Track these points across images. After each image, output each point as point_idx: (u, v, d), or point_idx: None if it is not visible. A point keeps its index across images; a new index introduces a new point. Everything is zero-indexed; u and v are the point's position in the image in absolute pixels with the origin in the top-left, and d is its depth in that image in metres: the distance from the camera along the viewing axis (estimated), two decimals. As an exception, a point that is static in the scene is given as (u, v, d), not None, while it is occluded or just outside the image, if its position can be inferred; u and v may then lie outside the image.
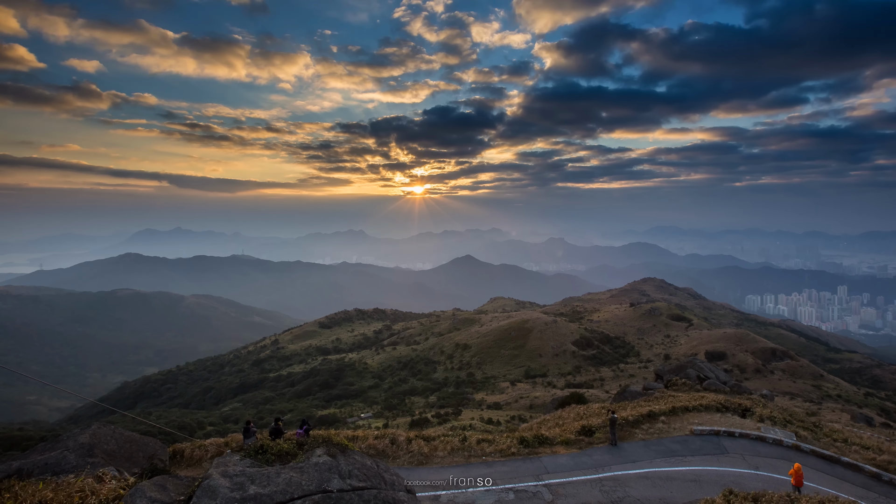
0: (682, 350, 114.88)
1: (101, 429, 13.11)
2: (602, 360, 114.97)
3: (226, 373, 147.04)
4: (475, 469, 22.31)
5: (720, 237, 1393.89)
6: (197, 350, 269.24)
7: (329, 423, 62.55)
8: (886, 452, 29.11)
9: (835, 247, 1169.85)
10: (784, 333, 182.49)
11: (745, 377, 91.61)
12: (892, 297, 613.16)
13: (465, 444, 24.61)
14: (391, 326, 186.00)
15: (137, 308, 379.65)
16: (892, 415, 74.47)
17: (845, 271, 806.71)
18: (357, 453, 11.56)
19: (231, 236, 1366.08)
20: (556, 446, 25.54)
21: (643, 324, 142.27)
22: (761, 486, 20.84)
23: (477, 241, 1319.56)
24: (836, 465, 25.76)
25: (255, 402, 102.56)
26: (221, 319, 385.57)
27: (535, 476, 21.78)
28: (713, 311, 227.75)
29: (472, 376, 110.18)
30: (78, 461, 10.97)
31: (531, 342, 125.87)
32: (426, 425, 47.23)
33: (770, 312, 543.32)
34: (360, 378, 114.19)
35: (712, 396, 34.06)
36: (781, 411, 35.89)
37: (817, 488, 21.81)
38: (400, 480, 11.47)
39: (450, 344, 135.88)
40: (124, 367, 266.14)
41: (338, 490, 9.30)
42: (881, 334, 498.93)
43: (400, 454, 23.21)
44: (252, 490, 8.43)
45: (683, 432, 27.68)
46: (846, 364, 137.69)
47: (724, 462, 24.16)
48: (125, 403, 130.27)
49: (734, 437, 27.38)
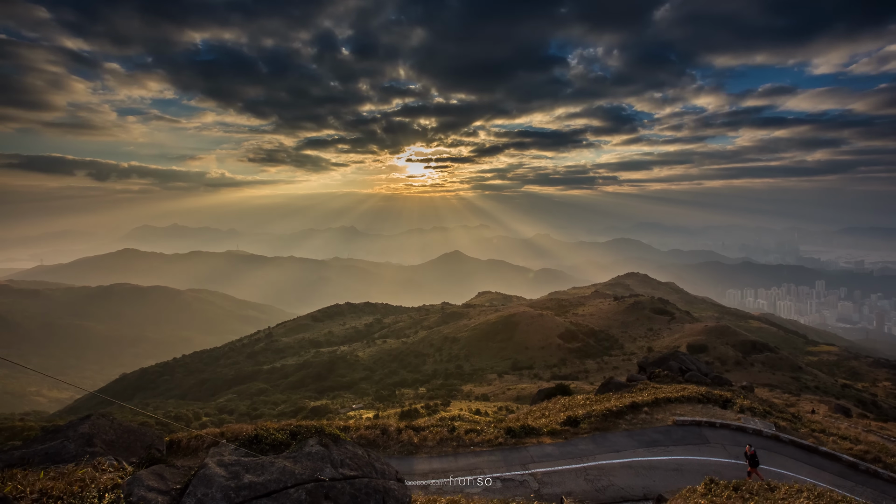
0: (664, 343, 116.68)
1: (100, 419, 13.13)
2: (587, 352, 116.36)
3: (221, 365, 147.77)
4: (464, 458, 22.61)
5: (702, 233, 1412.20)
6: (193, 343, 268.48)
7: (321, 413, 62.87)
8: (863, 442, 29.91)
9: (813, 242, 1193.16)
10: (764, 327, 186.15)
11: (725, 369, 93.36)
12: (868, 291, 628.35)
13: (453, 434, 24.90)
14: (382, 320, 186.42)
15: (135, 302, 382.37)
16: (869, 406, 76.46)
17: (823, 266, 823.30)
18: (349, 443, 11.69)
19: (226, 232, 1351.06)
20: (542, 436, 25.93)
21: (627, 317, 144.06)
22: (742, 475, 21.40)
23: (465, 236, 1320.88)
24: (814, 455, 26.32)
25: (250, 393, 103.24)
26: (217, 313, 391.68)
27: (522, 465, 22.13)
28: (695, 305, 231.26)
29: (461, 368, 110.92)
30: (78, 451, 11.03)
31: (518, 335, 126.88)
32: (416, 416, 47.51)
33: (750, 306, 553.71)
34: (352, 370, 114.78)
35: (694, 388, 34.72)
36: (761, 402, 36.76)
37: (796, 477, 22.36)
38: (391, 469, 11.63)
39: (439, 337, 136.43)
40: (122, 360, 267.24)
41: (330, 479, 9.43)
42: (858, 327, 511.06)
43: (390, 444, 23.44)
44: (247, 479, 8.52)
45: (666, 423, 28.20)
46: (824, 356, 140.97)
47: (706, 452, 24.65)
48: (123, 395, 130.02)
49: (715, 427, 27.94)
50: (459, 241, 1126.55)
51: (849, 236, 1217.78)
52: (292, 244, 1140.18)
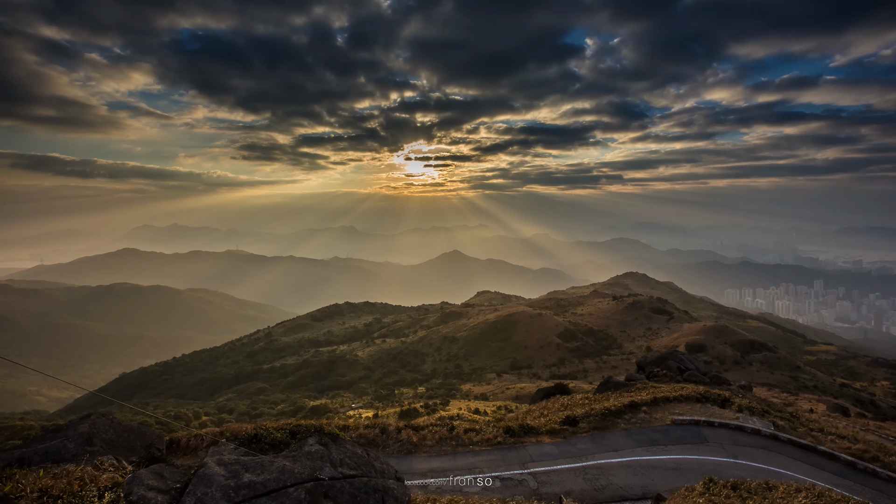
0: (663, 342, 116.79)
1: (99, 419, 13.13)
2: (585, 352, 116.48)
3: (221, 364, 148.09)
4: (463, 458, 22.62)
5: (700, 233, 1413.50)
6: (192, 342, 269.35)
7: (321, 413, 63.02)
8: (861, 442, 29.91)
9: (811, 242, 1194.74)
10: (762, 326, 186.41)
11: (724, 368, 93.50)
12: (867, 290, 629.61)
13: (452, 433, 24.92)
14: (381, 319, 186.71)
15: (135, 301, 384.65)
16: (867, 405, 76.53)
17: (821, 266, 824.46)
18: (348, 442, 11.67)
19: (226, 232, 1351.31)
20: (541, 436, 25.95)
21: (625, 317, 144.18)
22: (740, 474, 21.42)
23: (464, 236, 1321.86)
24: (812, 454, 26.32)
25: (250, 392, 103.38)
26: (216, 312, 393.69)
27: (521, 464, 22.15)
28: (693, 305, 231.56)
29: (460, 368, 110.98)
30: (77, 450, 11.03)
31: (517, 335, 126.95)
32: (415, 415, 47.58)
33: (748, 306, 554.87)
34: (351, 369, 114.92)
35: (692, 387, 34.78)
36: (759, 401, 36.82)
37: (795, 476, 22.40)
38: (390, 469, 11.60)
39: (438, 336, 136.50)
40: (122, 359, 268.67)
41: (329, 478, 9.42)
42: (856, 327, 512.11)
43: (390, 443, 23.45)
44: (246, 478, 8.51)
45: (664, 422, 28.22)
46: (822, 356, 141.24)
47: (704, 451, 24.66)
48: (123, 394, 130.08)
49: (714, 426, 27.97)
50: (459, 241, 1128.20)
51: (847, 236, 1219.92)
52: (292, 244, 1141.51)
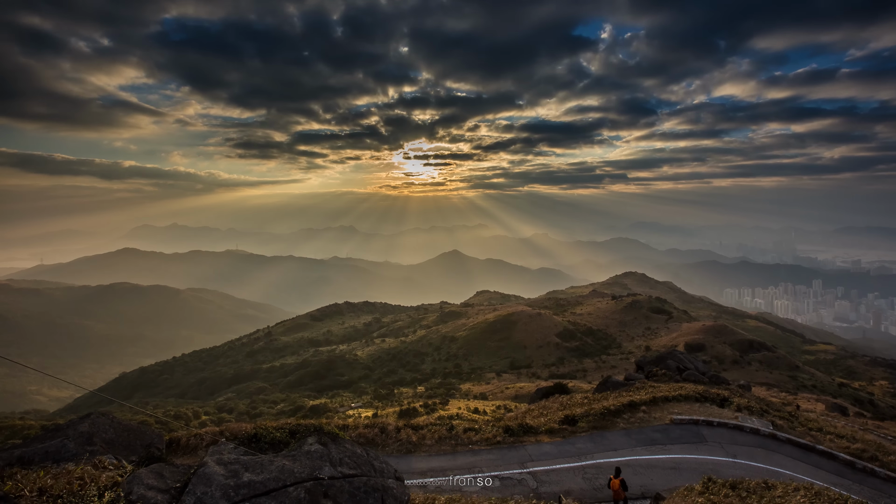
0: (662, 342, 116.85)
1: (99, 418, 13.15)
2: (585, 351, 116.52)
3: (220, 364, 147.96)
4: (462, 457, 22.65)
5: (699, 233, 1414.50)
6: (192, 342, 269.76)
7: (320, 412, 63.01)
8: (860, 441, 29.96)
9: (810, 242, 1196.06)
10: (761, 326, 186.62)
11: (723, 368, 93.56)
12: (865, 290, 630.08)
13: (452, 433, 24.94)
14: (380, 319, 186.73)
15: (135, 301, 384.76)
16: (866, 404, 76.67)
17: (820, 266, 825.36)
18: (348, 442, 11.68)
19: (226, 232, 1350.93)
20: (540, 435, 25.98)
21: (625, 316, 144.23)
22: (739, 473, 21.46)
23: (464, 236, 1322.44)
24: (811, 453, 26.41)
25: (249, 392, 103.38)
26: (216, 312, 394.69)
27: (521, 464, 22.19)
28: (692, 304, 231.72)
29: (459, 367, 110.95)
30: (77, 449, 11.06)
31: (516, 334, 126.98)
32: (414, 415, 47.58)
33: (747, 305, 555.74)
34: (351, 369, 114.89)
35: (691, 387, 34.83)
36: (758, 401, 36.87)
37: (793, 475, 22.44)
38: (389, 468, 11.63)
39: (437, 336, 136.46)
40: (122, 359, 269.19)
41: (329, 477, 9.43)
42: (855, 326, 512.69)
43: (389, 443, 23.47)
44: (246, 477, 8.52)
45: (663, 421, 28.27)
46: (821, 355, 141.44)
47: (703, 450, 24.74)
48: (123, 393, 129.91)
49: (712, 426, 28.03)
50: (458, 241, 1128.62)
51: (846, 236, 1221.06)
52: (292, 244, 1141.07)
